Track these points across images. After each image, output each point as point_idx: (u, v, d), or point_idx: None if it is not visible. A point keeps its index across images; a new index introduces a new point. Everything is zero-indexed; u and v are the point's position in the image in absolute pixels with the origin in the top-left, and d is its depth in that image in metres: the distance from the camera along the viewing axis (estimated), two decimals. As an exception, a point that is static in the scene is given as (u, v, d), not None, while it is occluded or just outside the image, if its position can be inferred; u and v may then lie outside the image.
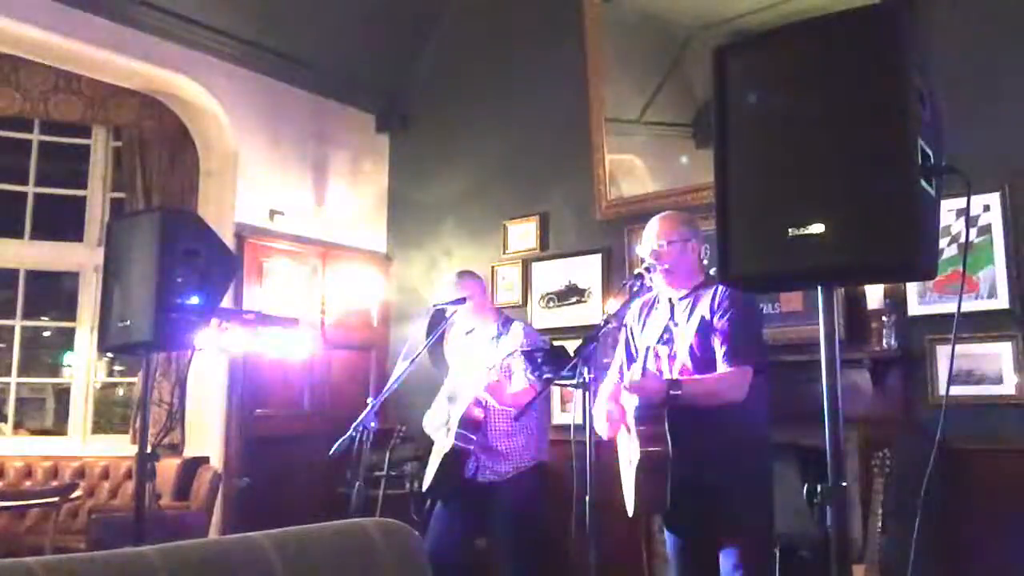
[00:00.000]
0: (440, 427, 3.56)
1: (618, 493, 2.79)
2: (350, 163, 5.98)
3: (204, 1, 5.03)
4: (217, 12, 5.09)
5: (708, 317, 2.69)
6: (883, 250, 1.45)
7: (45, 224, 5.76)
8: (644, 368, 2.65)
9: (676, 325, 2.77)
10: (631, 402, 2.73)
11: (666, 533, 2.93)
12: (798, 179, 1.53)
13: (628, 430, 2.76)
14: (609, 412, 2.81)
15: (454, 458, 3.44)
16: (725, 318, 2.65)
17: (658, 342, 2.78)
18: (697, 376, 2.65)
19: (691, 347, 2.70)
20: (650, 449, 2.63)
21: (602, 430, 2.80)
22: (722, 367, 2.62)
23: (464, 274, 3.73)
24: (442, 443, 3.51)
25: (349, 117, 5.99)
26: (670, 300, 2.82)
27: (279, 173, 5.53)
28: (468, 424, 3.42)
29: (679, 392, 2.54)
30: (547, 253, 5.21)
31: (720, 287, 2.70)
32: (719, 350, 2.63)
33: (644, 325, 2.91)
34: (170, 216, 2.81)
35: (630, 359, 2.92)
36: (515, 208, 5.36)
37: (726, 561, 2.63)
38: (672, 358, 2.75)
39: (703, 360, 2.67)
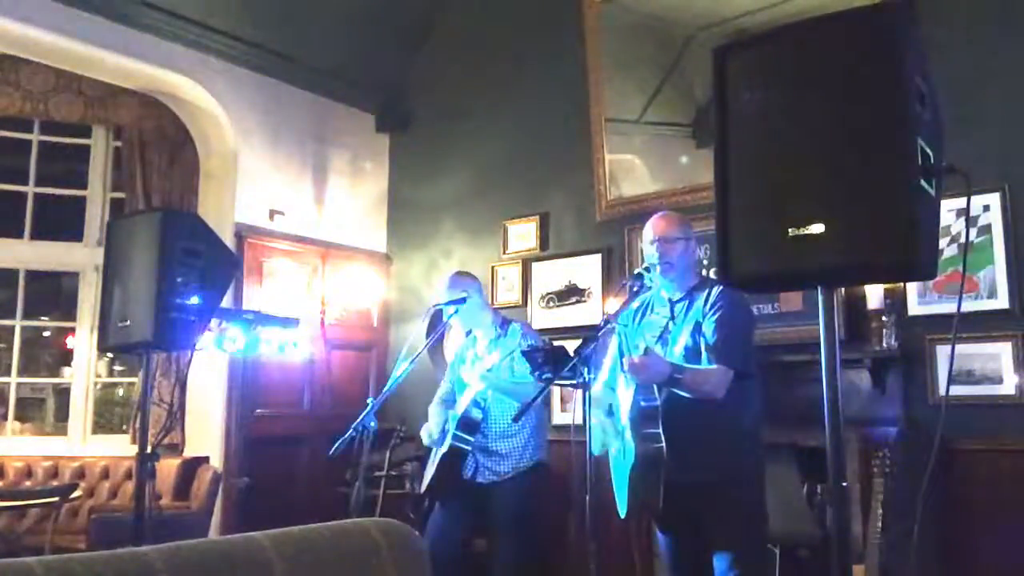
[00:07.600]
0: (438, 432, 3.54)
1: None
2: (350, 163, 5.98)
3: (204, 1, 5.03)
4: (217, 12, 5.09)
5: (701, 319, 2.69)
6: (883, 250, 1.44)
7: (45, 224, 5.75)
8: (648, 349, 2.64)
9: (675, 326, 2.77)
10: (628, 401, 2.73)
11: (660, 535, 2.93)
12: (798, 179, 1.53)
13: (627, 431, 2.76)
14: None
15: (453, 459, 3.44)
16: (715, 320, 2.66)
17: (657, 341, 2.78)
18: (692, 365, 2.66)
19: (686, 347, 2.71)
20: (644, 450, 2.63)
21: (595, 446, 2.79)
22: (706, 364, 2.64)
23: (461, 274, 3.74)
24: (441, 444, 3.51)
25: (349, 117, 5.99)
26: (670, 301, 2.82)
27: (279, 173, 5.53)
28: (466, 425, 3.42)
29: (681, 376, 2.55)
30: (547, 253, 5.20)
31: (714, 289, 2.72)
32: (705, 349, 2.64)
33: (640, 325, 2.91)
34: (170, 216, 2.81)
35: (623, 359, 2.92)
36: (515, 208, 5.36)
37: (720, 563, 2.63)
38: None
39: (694, 362, 2.68)
